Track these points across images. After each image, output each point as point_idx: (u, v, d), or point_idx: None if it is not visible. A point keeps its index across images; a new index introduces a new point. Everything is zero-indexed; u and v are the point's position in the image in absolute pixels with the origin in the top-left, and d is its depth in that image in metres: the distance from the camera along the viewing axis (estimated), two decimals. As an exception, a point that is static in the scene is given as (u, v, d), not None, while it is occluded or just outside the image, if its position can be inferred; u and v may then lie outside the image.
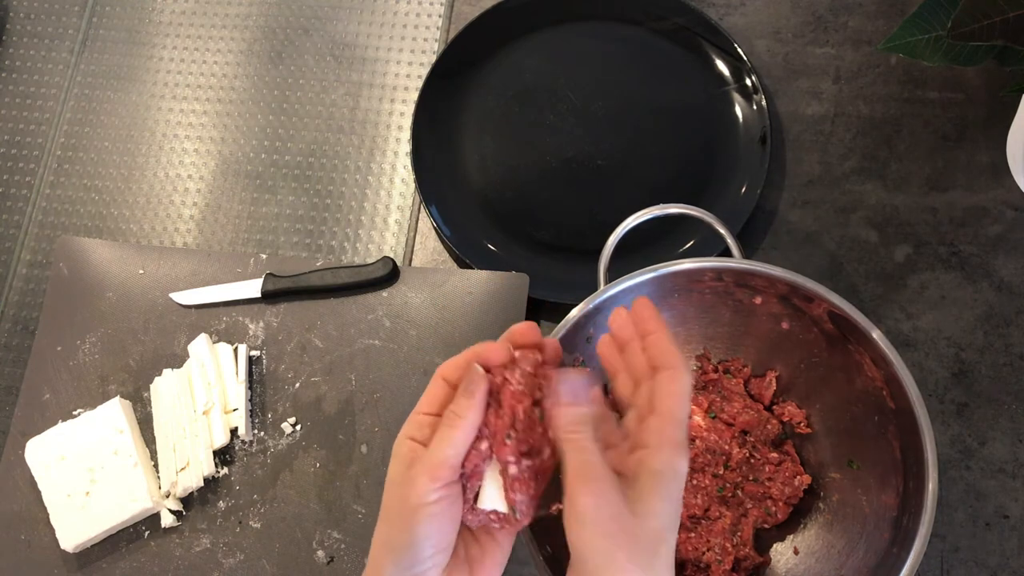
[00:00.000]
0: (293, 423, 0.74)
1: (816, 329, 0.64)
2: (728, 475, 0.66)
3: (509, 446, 0.43)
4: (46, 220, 0.85)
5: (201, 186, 0.85)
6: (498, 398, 0.44)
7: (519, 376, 0.44)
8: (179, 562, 0.71)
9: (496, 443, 0.43)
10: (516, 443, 0.43)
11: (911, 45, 0.72)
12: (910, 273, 0.76)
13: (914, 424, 0.57)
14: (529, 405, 0.43)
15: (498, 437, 0.43)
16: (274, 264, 0.79)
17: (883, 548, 0.59)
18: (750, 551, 0.64)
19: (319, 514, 0.72)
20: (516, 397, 0.43)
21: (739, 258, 0.65)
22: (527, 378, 0.44)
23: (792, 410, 0.68)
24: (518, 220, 0.81)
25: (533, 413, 0.44)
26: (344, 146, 0.85)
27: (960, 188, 0.78)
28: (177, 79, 0.89)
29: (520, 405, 0.43)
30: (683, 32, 0.84)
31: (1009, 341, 0.74)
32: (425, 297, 0.77)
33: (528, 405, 0.43)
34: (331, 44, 0.89)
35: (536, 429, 0.43)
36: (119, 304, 0.78)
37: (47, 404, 0.76)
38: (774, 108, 0.82)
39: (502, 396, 0.44)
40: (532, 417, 0.43)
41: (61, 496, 0.71)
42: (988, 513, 0.70)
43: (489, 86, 0.85)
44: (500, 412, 0.43)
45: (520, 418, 0.43)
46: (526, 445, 0.43)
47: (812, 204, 0.79)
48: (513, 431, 0.43)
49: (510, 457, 0.43)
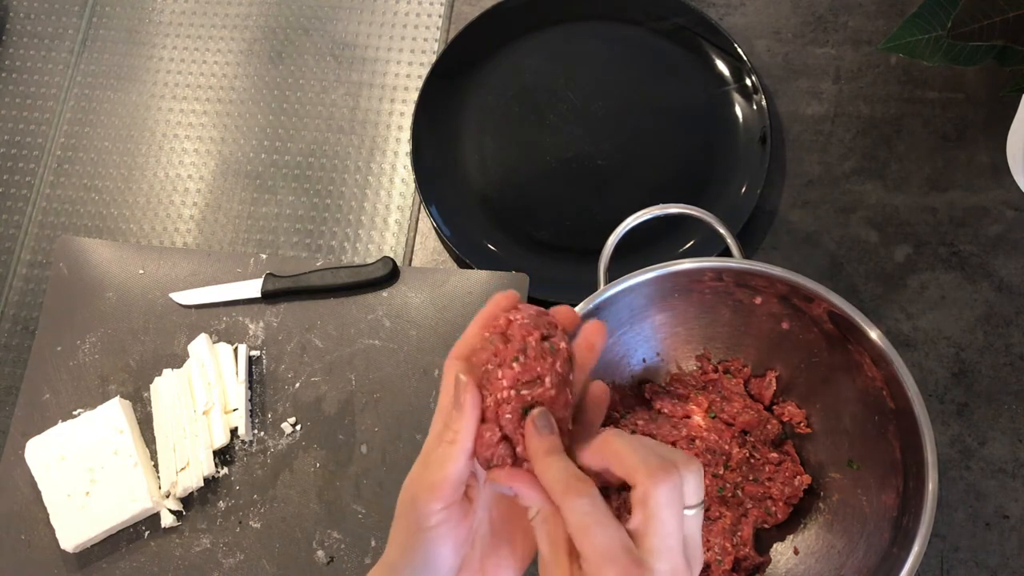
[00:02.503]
0: (293, 423, 0.74)
1: (816, 329, 0.64)
2: (728, 475, 0.66)
3: (514, 370, 0.41)
4: (46, 220, 0.85)
5: (201, 186, 0.85)
6: (506, 335, 0.43)
7: (524, 315, 0.43)
8: (179, 562, 0.71)
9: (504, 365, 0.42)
10: (521, 369, 0.41)
11: (911, 45, 0.72)
12: (910, 273, 0.76)
13: (914, 424, 0.57)
14: (539, 336, 0.42)
15: (506, 361, 0.42)
16: (274, 264, 0.79)
17: (883, 548, 0.59)
18: (750, 551, 0.64)
19: (319, 514, 0.72)
20: (525, 329, 0.42)
21: (739, 258, 0.65)
22: (532, 318, 0.43)
23: (792, 410, 0.68)
24: (518, 220, 0.81)
25: (543, 345, 0.42)
26: (344, 146, 0.85)
27: (960, 188, 0.78)
28: (177, 79, 0.89)
29: (530, 336, 0.42)
30: (683, 32, 0.84)
31: (1009, 341, 0.74)
32: (425, 297, 0.77)
33: (538, 336, 0.42)
34: (331, 44, 0.89)
35: (547, 359, 0.42)
36: (119, 304, 0.78)
37: (47, 404, 0.76)
38: (774, 108, 0.82)
39: (510, 331, 0.43)
40: (543, 348, 0.42)
41: (61, 496, 0.71)
42: (988, 513, 0.70)
43: (489, 86, 0.85)
44: (509, 344, 0.42)
45: (532, 346, 0.42)
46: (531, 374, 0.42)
47: (812, 204, 0.79)
48: (522, 355, 0.42)
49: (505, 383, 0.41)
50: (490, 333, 0.43)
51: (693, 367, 0.71)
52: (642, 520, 0.37)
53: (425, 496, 0.41)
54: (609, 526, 0.37)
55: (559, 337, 0.43)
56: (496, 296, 0.44)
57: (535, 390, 0.42)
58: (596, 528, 0.37)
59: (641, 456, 0.38)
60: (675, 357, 0.71)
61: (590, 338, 0.45)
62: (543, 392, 0.42)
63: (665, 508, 0.37)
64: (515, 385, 0.41)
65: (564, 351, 0.43)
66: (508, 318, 0.43)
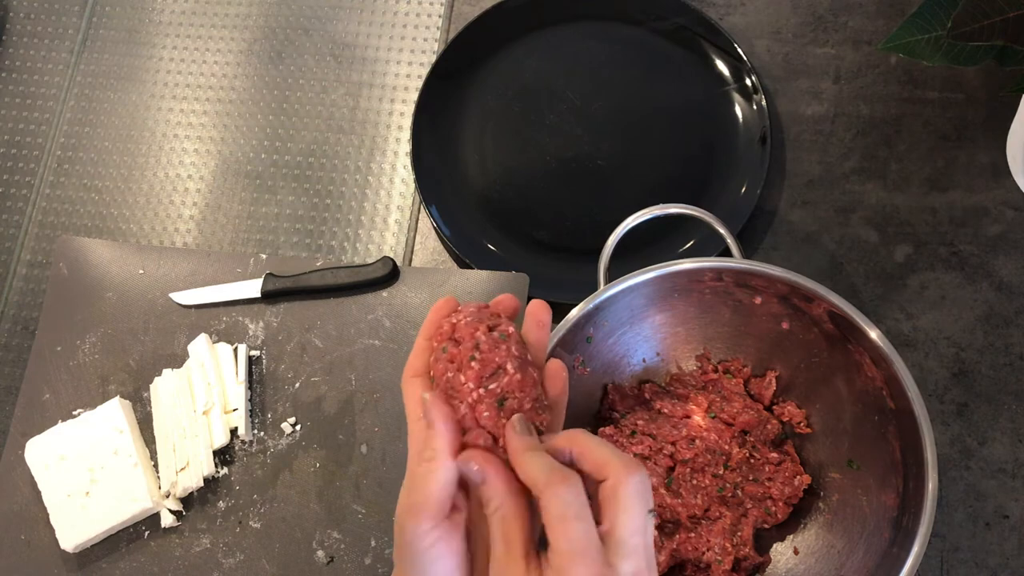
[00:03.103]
0: (293, 423, 0.74)
1: (816, 329, 0.64)
2: (728, 475, 0.66)
3: (474, 369, 0.42)
4: (46, 220, 0.85)
5: (201, 186, 0.85)
6: (455, 338, 0.43)
7: (465, 314, 0.44)
8: (179, 562, 0.71)
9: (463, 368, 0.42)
10: (481, 366, 0.42)
11: (911, 45, 0.72)
12: (910, 273, 0.76)
13: (914, 424, 0.57)
14: (486, 329, 0.43)
15: (464, 363, 0.42)
16: (274, 264, 0.79)
17: (883, 548, 0.59)
18: (750, 551, 0.64)
19: (319, 514, 0.72)
20: (471, 327, 0.43)
21: (739, 258, 0.65)
22: (474, 315, 0.44)
23: (792, 410, 0.68)
24: (518, 220, 0.81)
25: (493, 335, 0.43)
26: (344, 146, 0.85)
27: (960, 188, 0.78)
28: (177, 79, 0.89)
29: (477, 331, 0.43)
30: (683, 32, 0.84)
31: (1009, 341, 0.74)
32: (425, 297, 0.77)
33: (485, 329, 0.43)
34: (331, 44, 0.89)
35: (500, 347, 0.42)
36: (119, 304, 0.78)
37: (47, 404, 0.76)
38: (774, 108, 0.82)
39: (457, 334, 0.43)
40: (493, 338, 0.43)
41: (61, 496, 0.71)
42: (988, 513, 0.70)
43: (489, 86, 0.85)
44: (461, 346, 0.43)
45: (483, 340, 0.42)
46: (492, 367, 0.42)
47: (812, 204, 0.79)
48: (477, 352, 0.42)
49: (470, 384, 0.42)
50: (438, 342, 0.44)
51: (693, 367, 0.71)
52: (612, 514, 0.38)
53: (414, 519, 0.40)
54: (587, 520, 0.38)
55: (505, 324, 0.44)
56: (434, 305, 0.45)
57: (501, 380, 0.42)
58: (575, 522, 0.37)
59: (611, 450, 0.39)
60: (675, 357, 0.71)
61: (536, 316, 0.46)
62: (509, 380, 0.42)
63: (635, 499, 0.38)
64: (480, 383, 0.42)
65: (514, 334, 0.43)
66: (451, 322, 0.44)
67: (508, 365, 0.42)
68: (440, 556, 0.41)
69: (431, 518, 0.40)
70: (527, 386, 0.43)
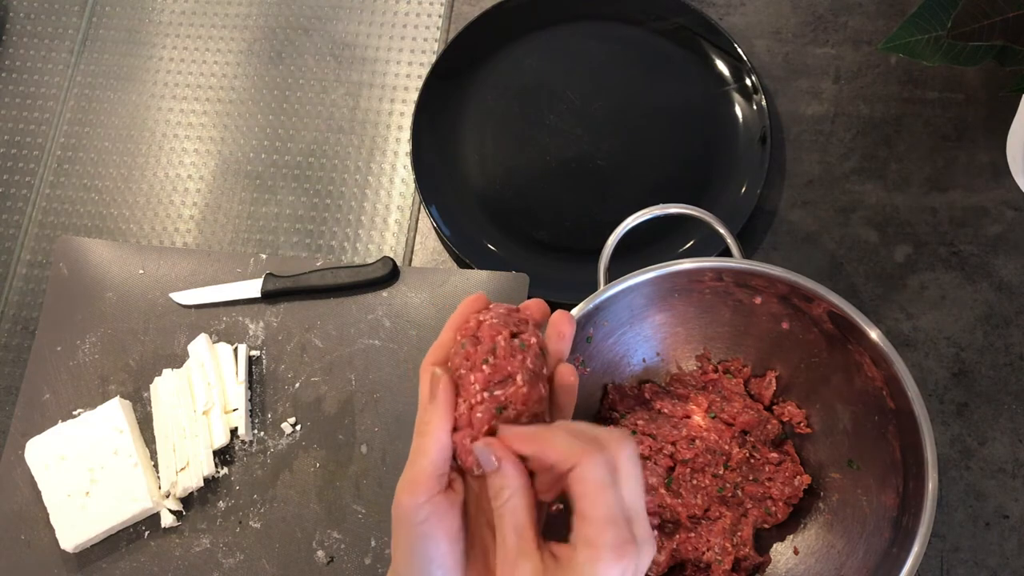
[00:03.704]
0: (293, 423, 0.74)
1: (816, 329, 0.64)
2: (728, 475, 0.66)
3: (484, 372, 0.42)
4: (46, 220, 0.85)
5: (201, 186, 0.85)
6: (476, 336, 0.43)
7: (493, 315, 0.44)
8: (179, 562, 0.71)
9: (475, 368, 0.42)
10: (492, 370, 0.42)
11: (911, 45, 0.72)
12: (910, 273, 0.76)
13: (914, 424, 0.57)
14: (508, 335, 0.43)
15: (476, 364, 0.42)
16: (274, 264, 0.79)
17: (883, 548, 0.59)
18: (750, 551, 0.64)
19: (319, 514, 0.72)
20: (494, 329, 0.43)
21: (739, 258, 0.65)
22: (501, 317, 0.44)
23: (792, 410, 0.68)
24: (518, 220, 0.81)
25: (513, 343, 0.43)
26: (344, 146, 0.85)
27: (960, 188, 0.78)
28: (177, 79, 0.89)
29: (499, 335, 0.43)
30: (683, 32, 0.84)
31: (1009, 341, 0.74)
32: (425, 297, 0.77)
33: (507, 335, 0.43)
34: (331, 44, 0.89)
35: (516, 357, 0.43)
36: (119, 304, 0.78)
37: (47, 404, 0.76)
38: (774, 108, 0.82)
39: (480, 333, 0.43)
40: (512, 345, 0.43)
41: (61, 496, 0.71)
42: (988, 513, 0.70)
43: (489, 86, 0.85)
44: (479, 346, 0.43)
45: (501, 345, 0.42)
46: (502, 374, 0.42)
47: (812, 204, 0.79)
48: (492, 356, 0.42)
49: (477, 386, 0.42)
50: (461, 337, 0.44)
51: (693, 367, 0.71)
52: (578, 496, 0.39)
53: (408, 492, 0.41)
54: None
55: (529, 332, 0.44)
56: (466, 300, 0.45)
57: (508, 389, 0.42)
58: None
59: (568, 439, 0.40)
60: (675, 357, 0.71)
61: (558, 327, 0.46)
62: (515, 391, 0.42)
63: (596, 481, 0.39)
64: (487, 387, 0.42)
65: (534, 346, 0.43)
66: (478, 319, 0.44)
67: (519, 376, 0.42)
68: (433, 531, 0.41)
69: (425, 491, 0.41)
70: (531, 401, 0.43)
